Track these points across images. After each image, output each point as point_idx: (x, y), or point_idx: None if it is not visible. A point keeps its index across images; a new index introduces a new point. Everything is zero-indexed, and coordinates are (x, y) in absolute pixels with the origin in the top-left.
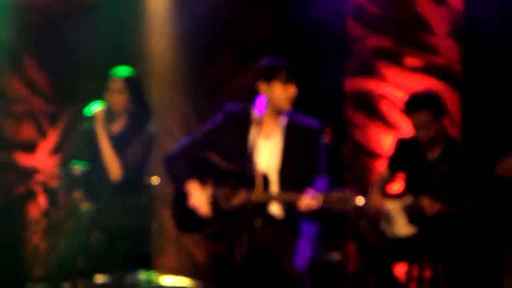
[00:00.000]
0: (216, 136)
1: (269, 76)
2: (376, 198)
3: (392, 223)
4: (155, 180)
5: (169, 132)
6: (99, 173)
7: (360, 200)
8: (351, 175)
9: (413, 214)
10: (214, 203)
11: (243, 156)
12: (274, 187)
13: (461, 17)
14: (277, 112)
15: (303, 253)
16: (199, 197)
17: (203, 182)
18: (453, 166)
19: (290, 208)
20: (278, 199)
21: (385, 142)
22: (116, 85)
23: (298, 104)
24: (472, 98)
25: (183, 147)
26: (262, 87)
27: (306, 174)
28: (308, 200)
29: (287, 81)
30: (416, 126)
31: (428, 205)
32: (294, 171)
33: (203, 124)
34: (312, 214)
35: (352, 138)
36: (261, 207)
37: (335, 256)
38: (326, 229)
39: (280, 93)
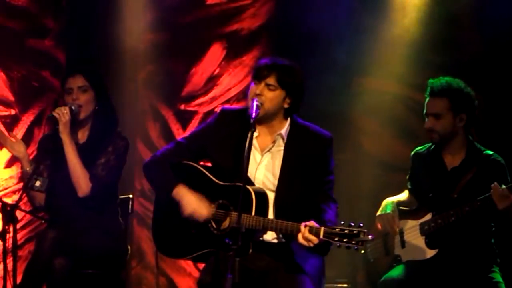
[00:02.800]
0: (208, 140)
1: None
2: (386, 216)
3: (409, 246)
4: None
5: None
6: (63, 188)
7: (369, 236)
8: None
9: (433, 234)
10: (202, 223)
11: (236, 169)
12: (271, 210)
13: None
14: (268, 117)
15: None
16: (194, 203)
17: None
18: (479, 174)
19: (287, 237)
20: (273, 228)
21: (404, 154)
22: (78, 82)
23: (306, 111)
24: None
25: (168, 151)
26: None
27: (310, 196)
28: (308, 235)
29: (255, 78)
30: (431, 115)
31: (503, 195)
32: (294, 190)
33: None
34: (313, 249)
35: (362, 148)
36: (254, 232)
37: (343, 285)
38: (331, 256)
39: (249, 93)
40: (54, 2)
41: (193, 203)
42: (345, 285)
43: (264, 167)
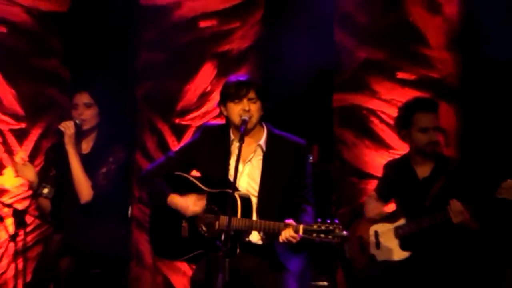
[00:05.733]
0: (195, 154)
1: (222, 99)
2: (372, 206)
3: (383, 248)
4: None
5: (144, 149)
6: (68, 195)
7: (344, 233)
8: (336, 196)
9: (406, 238)
10: (193, 228)
11: (223, 178)
12: (254, 213)
13: (457, 27)
14: (237, 130)
15: None
16: (186, 201)
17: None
18: (448, 184)
19: (271, 237)
20: (257, 228)
21: (375, 161)
22: (83, 99)
23: (282, 121)
24: (470, 114)
25: (160, 165)
26: (222, 110)
27: (289, 199)
28: (288, 234)
29: (233, 99)
30: (425, 129)
31: (458, 211)
32: (274, 196)
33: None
34: (294, 246)
35: (340, 157)
36: (241, 233)
37: (323, 283)
38: (313, 256)
39: (232, 112)
40: (58, 24)
41: (186, 204)
42: (325, 283)
43: (246, 176)
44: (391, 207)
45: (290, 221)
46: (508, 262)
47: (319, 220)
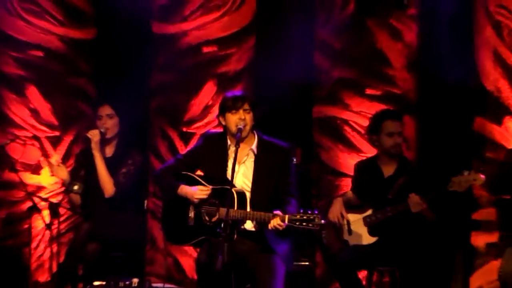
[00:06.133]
0: (198, 157)
1: (221, 111)
2: (337, 211)
3: (354, 234)
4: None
5: (157, 152)
6: (94, 191)
7: (322, 221)
8: (316, 191)
9: (373, 226)
10: (198, 217)
11: (222, 176)
12: (248, 205)
13: (416, 52)
14: (233, 137)
15: (279, 273)
16: (194, 190)
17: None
18: (408, 180)
19: (262, 224)
20: (251, 216)
21: (347, 162)
22: (106, 111)
23: (270, 129)
24: (426, 124)
25: (170, 165)
26: (221, 120)
27: (277, 193)
28: (276, 222)
29: (230, 110)
30: (391, 134)
31: (416, 202)
32: (264, 191)
33: (186, 146)
34: (281, 233)
35: (319, 158)
36: (238, 222)
37: (305, 263)
38: (296, 241)
39: (229, 121)
40: (86, 49)
41: (193, 191)
42: (306, 263)
43: (241, 175)
44: (350, 216)
45: (278, 212)
46: (459, 247)
47: (302, 211)
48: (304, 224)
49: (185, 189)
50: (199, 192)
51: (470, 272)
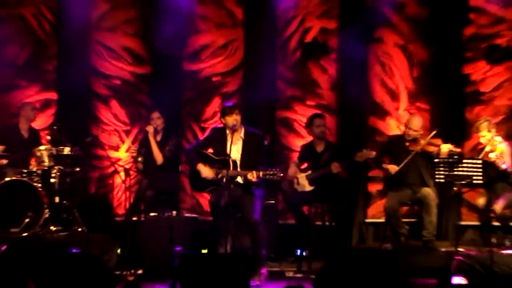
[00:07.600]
0: (210, 141)
1: (222, 114)
2: (291, 171)
3: (301, 185)
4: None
5: (186, 138)
6: (151, 160)
7: (280, 174)
8: (278, 159)
9: (312, 180)
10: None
11: (224, 152)
12: (239, 168)
13: (335, 79)
14: (230, 130)
15: (257, 206)
16: (206, 171)
17: (206, 163)
18: (331, 154)
19: (246, 178)
20: (240, 174)
21: (296, 143)
22: (156, 115)
23: (253, 125)
24: (342, 121)
25: (194, 146)
26: (222, 120)
27: (255, 162)
28: (252, 175)
29: (228, 114)
30: (318, 126)
31: (336, 167)
32: (248, 160)
33: (203, 134)
34: (256, 183)
35: (280, 141)
36: (233, 177)
37: (272, 202)
38: (266, 188)
39: (227, 121)
40: (145, 79)
41: (205, 171)
42: (273, 201)
43: (235, 151)
44: (298, 175)
45: (254, 171)
46: (360, 191)
47: (269, 169)
48: (269, 176)
49: (200, 168)
50: (207, 172)
51: (367, 206)
